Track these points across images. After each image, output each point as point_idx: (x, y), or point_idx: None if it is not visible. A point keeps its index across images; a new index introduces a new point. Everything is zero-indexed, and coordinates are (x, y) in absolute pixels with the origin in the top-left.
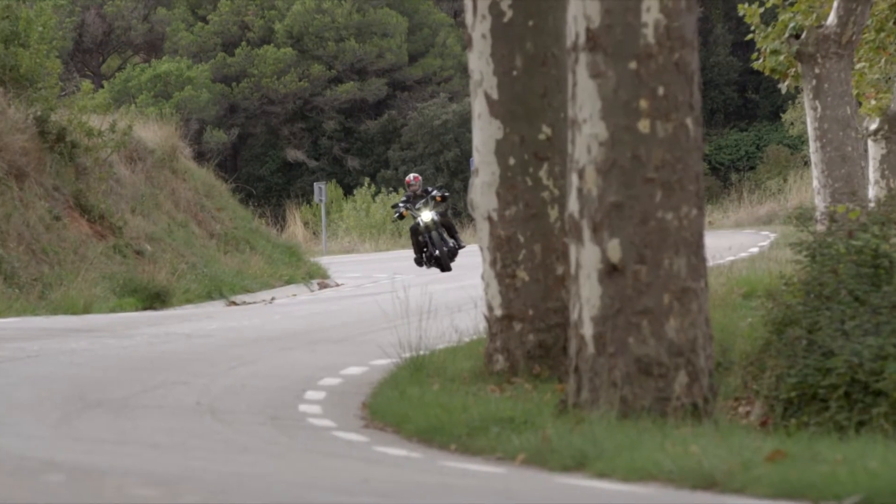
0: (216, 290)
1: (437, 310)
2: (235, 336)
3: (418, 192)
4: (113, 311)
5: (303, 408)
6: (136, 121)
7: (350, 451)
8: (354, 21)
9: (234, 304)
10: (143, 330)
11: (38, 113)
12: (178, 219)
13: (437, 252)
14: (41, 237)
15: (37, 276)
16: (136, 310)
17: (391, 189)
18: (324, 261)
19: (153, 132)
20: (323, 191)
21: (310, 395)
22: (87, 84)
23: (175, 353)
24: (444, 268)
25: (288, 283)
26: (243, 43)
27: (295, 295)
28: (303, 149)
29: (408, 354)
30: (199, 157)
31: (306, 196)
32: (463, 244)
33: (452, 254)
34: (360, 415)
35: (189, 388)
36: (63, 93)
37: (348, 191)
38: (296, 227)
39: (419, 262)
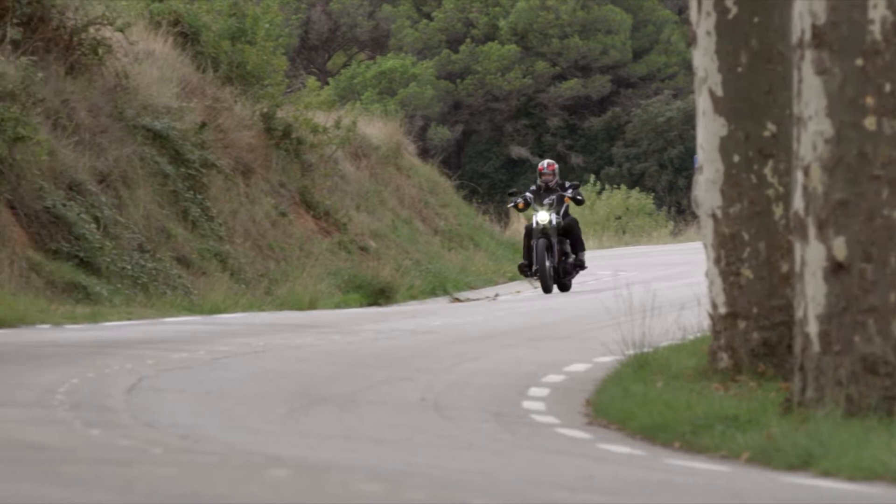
0: (440, 286)
1: (661, 307)
2: (459, 332)
3: (551, 183)
4: (338, 306)
5: (526, 404)
6: (361, 117)
7: (573, 448)
8: (579, 18)
9: (458, 300)
10: (367, 326)
11: (265, 110)
12: (403, 215)
13: (537, 266)
14: (267, 233)
15: (263, 272)
16: (361, 306)
17: (615, 186)
18: None
19: (378, 129)
20: None
21: (533, 391)
22: (312, 81)
23: (399, 349)
24: (545, 288)
25: (511, 279)
26: (468, 40)
27: (518, 292)
28: (527, 145)
29: (631, 352)
30: (424, 153)
31: None
32: (585, 263)
33: (566, 271)
34: (583, 412)
35: (413, 384)
36: (289, 90)
37: None
38: (519, 224)
39: (523, 269)
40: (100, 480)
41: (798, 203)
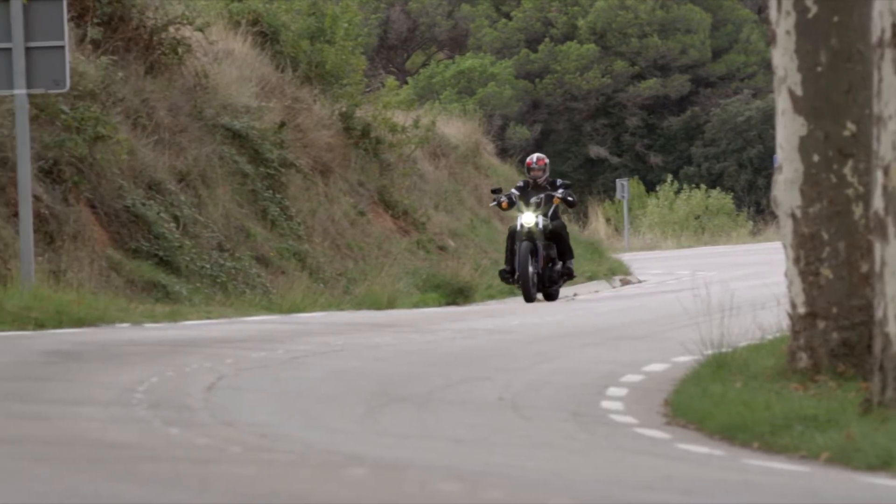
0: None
1: (740, 307)
2: (537, 332)
3: (540, 180)
4: (416, 306)
5: (605, 404)
6: (440, 117)
7: (652, 447)
8: (658, 17)
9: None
10: (445, 325)
11: (344, 109)
12: (481, 215)
13: (519, 273)
14: (346, 232)
15: (341, 271)
16: (439, 305)
17: (694, 185)
18: (626, 257)
19: (456, 128)
20: (625, 187)
21: (612, 391)
22: (391, 80)
23: (477, 348)
24: (527, 296)
25: (590, 279)
26: (546, 39)
27: (597, 291)
28: (605, 145)
29: (710, 351)
30: (502, 153)
31: (608, 192)
32: (574, 272)
33: (552, 280)
34: (662, 412)
35: (491, 384)
36: (368, 89)
37: (650, 187)
38: (598, 224)
39: (504, 275)
40: (178, 479)
41: (878, 203)
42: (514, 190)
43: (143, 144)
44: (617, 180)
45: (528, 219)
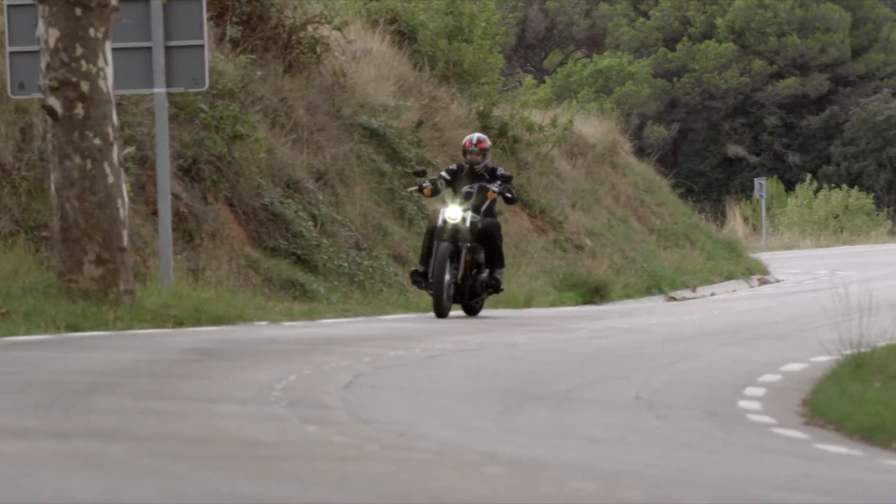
0: (655, 285)
1: (879, 306)
2: (674, 331)
3: (478, 167)
4: (553, 305)
5: (742, 404)
6: (577, 116)
7: (790, 447)
8: (797, 16)
9: (674, 299)
10: (582, 324)
11: (481, 108)
12: (618, 214)
13: (433, 279)
14: None
15: None
16: (576, 304)
17: (833, 185)
18: (763, 257)
19: (593, 127)
20: (763, 186)
21: (749, 391)
22: (529, 79)
23: (614, 347)
24: (439, 309)
25: (727, 278)
26: (684, 38)
27: (734, 291)
28: (743, 144)
29: (849, 351)
30: (640, 152)
31: (746, 192)
32: (502, 284)
33: (474, 291)
34: (799, 412)
35: (628, 383)
36: (505, 88)
37: (789, 187)
38: (735, 223)
39: (416, 278)
40: (316, 477)
41: None
42: (443, 174)
43: (281, 143)
44: (755, 179)
45: (454, 213)
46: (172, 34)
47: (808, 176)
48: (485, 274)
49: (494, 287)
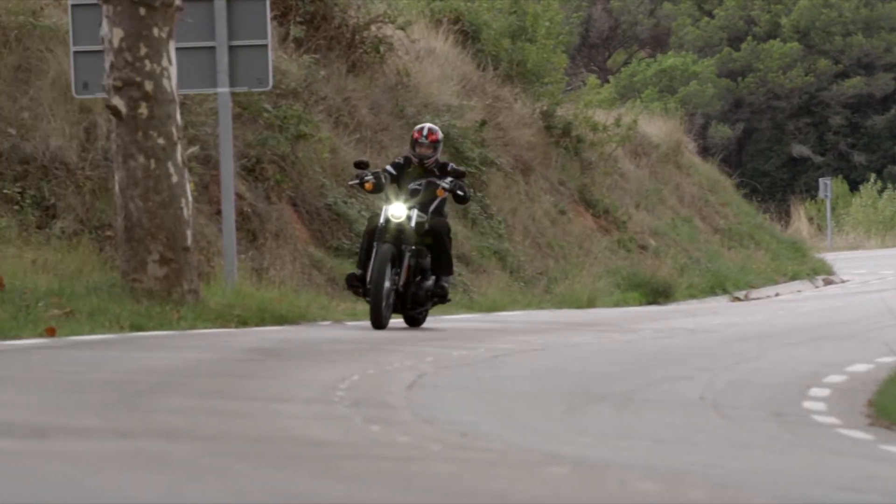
0: (719, 285)
1: None
2: (739, 331)
3: (428, 161)
4: (616, 305)
5: (806, 404)
6: (641, 116)
7: (855, 448)
8: (862, 15)
9: (738, 299)
10: (646, 324)
11: (545, 108)
12: (682, 214)
13: (370, 284)
14: (546, 231)
15: (542, 270)
16: (640, 304)
17: None
18: (828, 257)
19: (657, 127)
20: (828, 186)
21: (814, 391)
22: (592, 79)
23: (678, 347)
24: (375, 319)
25: (792, 278)
26: (749, 37)
27: (799, 291)
28: (808, 144)
29: None
30: (704, 151)
31: (811, 192)
32: (448, 293)
33: (418, 300)
34: (865, 412)
35: (692, 383)
36: (569, 87)
37: (854, 186)
38: (800, 223)
39: (352, 282)
40: (379, 477)
41: None
42: (388, 167)
43: (344, 143)
44: (820, 179)
45: (398, 211)
46: (236, 34)
47: (873, 176)
48: (430, 281)
49: (440, 296)
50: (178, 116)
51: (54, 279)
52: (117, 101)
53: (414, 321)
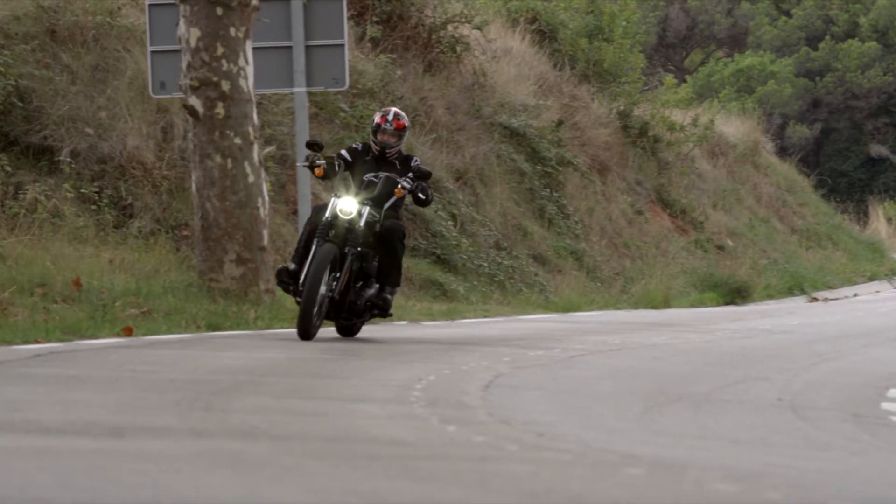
0: (797, 285)
1: None
2: (817, 332)
3: (390, 152)
4: (693, 305)
5: (885, 405)
6: (718, 115)
7: None
8: None
9: (816, 299)
10: (723, 325)
11: (621, 107)
12: (760, 214)
13: (304, 286)
14: (623, 231)
15: (618, 270)
16: (717, 304)
17: None
18: None
19: (735, 127)
20: None
21: (892, 392)
22: (669, 79)
23: (756, 348)
24: (303, 327)
25: (870, 279)
26: (827, 37)
27: (878, 292)
28: (887, 144)
29: None
30: (781, 151)
31: (889, 192)
32: (391, 306)
33: (355, 311)
34: None
35: (770, 384)
36: (646, 87)
37: None
38: (878, 224)
39: (283, 278)
40: (456, 477)
41: None
42: (343, 152)
43: (421, 143)
44: None
45: (348, 206)
46: (313, 34)
47: None
48: (373, 290)
49: (381, 309)
50: (255, 116)
51: (131, 279)
52: (194, 101)
53: (347, 330)
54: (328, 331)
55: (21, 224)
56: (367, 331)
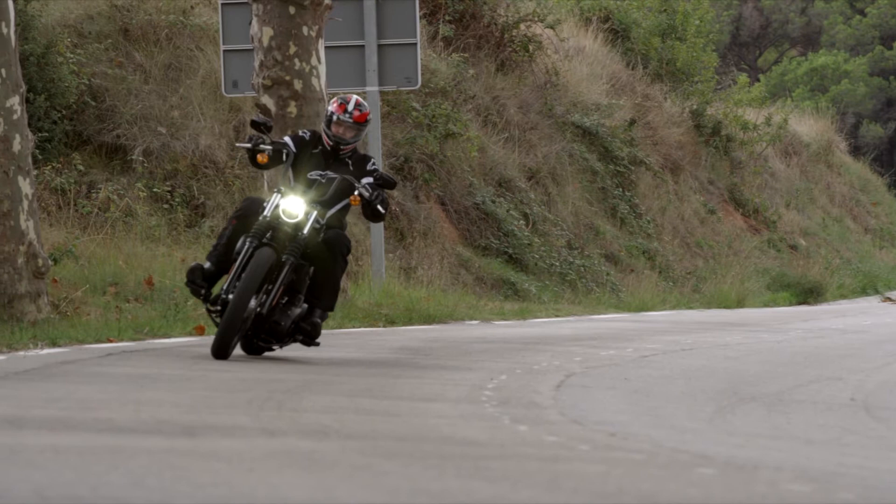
0: (870, 285)
1: None
2: (890, 332)
3: (344, 147)
4: (766, 305)
5: None
6: (792, 115)
7: None
8: None
9: (889, 299)
10: (796, 325)
11: (694, 106)
12: (833, 213)
13: (225, 295)
14: (695, 231)
15: (691, 270)
16: (790, 304)
17: None
18: None
19: (808, 126)
20: None
21: None
22: (743, 78)
23: (829, 348)
24: (219, 344)
25: None
26: None
27: None
28: None
29: None
30: (855, 151)
31: None
32: (319, 333)
33: (278, 331)
34: None
35: (843, 384)
36: (719, 86)
37: None
38: None
39: (194, 277)
40: (527, 476)
41: None
42: (287, 140)
43: (493, 142)
44: None
45: (294, 207)
46: (385, 33)
47: None
48: (300, 310)
49: (307, 335)
50: None
51: None
52: (266, 100)
53: (255, 348)
54: (396, 330)
55: (94, 223)
56: (437, 330)
